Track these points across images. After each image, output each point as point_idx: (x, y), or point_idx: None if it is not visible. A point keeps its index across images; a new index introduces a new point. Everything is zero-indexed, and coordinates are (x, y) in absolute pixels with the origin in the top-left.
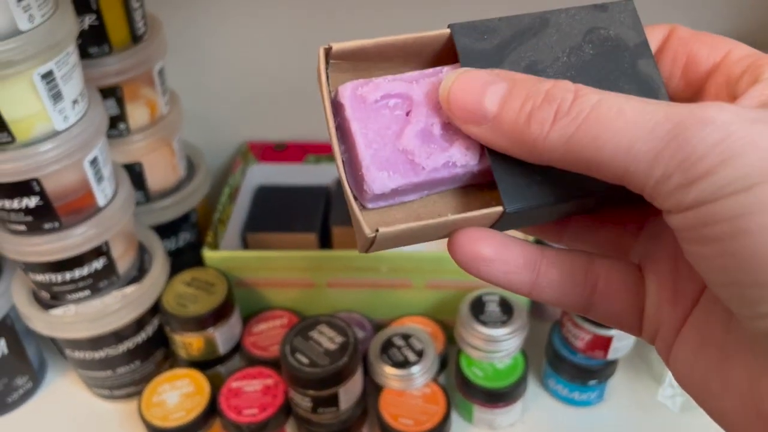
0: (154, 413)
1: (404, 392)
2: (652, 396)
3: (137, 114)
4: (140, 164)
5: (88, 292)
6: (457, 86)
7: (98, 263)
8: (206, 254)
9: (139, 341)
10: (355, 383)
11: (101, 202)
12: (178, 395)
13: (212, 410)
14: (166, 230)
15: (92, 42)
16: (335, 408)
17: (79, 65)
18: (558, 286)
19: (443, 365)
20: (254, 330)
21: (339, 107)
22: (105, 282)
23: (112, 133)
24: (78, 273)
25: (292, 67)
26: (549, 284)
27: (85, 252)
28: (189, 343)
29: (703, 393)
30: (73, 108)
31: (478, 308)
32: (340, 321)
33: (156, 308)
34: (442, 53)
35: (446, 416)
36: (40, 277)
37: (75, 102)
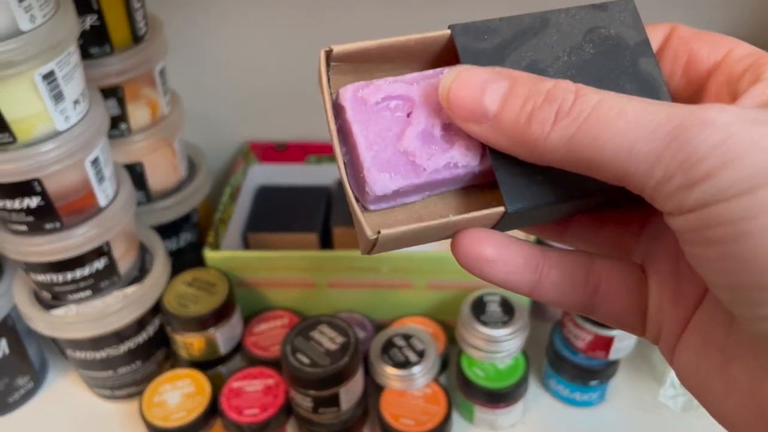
0: (155, 413)
1: (405, 392)
2: (654, 396)
3: (138, 114)
4: (141, 164)
5: (89, 293)
6: (457, 84)
7: (99, 263)
8: (207, 254)
9: (140, 341)
10: (356, 383)
11: (102, 203)
12: (179, 395)
13: (213, 410)
14: (167, 230)
15: (93, 42)
16: (336, 408)
17: (81, 65)
18: (559, 287)
19: (444, 365)
20: (255, 330)
21: (340, 109)
22: (106, 282)
23: (114, 134)
24: (79, 273)
25: (293, 68)
26: (550, 284)
27: (87, 252)
28: (190, 343)
29: (706, 394)
30: (75, 108)
31: (479, 308)
32: (341, 321)
33: (157, 308)
34: (443, 54)
35: (447, 416)
36: (42, 278)
37: (76, 102)
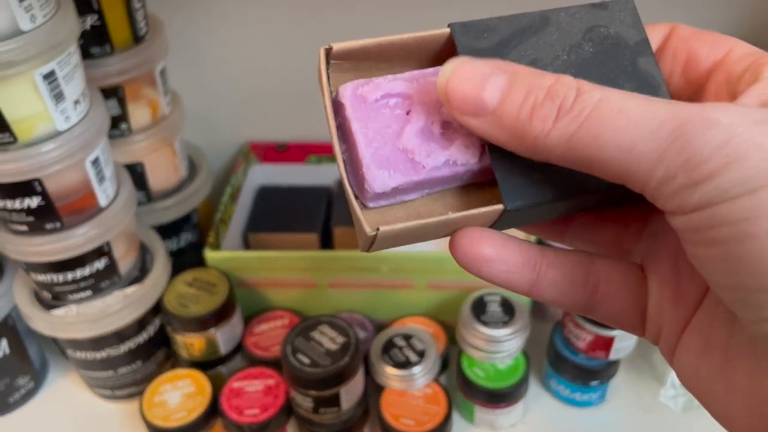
0: (156, 413)
1: (405, 392)
2: (654, 396)
3: (139, 114)
4: (142, 164)
5: (90, 293)
6: (456, 77)
7: (100, 263)
8: (208, 254)
9: (141, 341)
10: (357, 383)
11: (103, 203)
12: (180, 395)
13: (213, 410)
14: (168, 230)
15: (94, 42)
16: (336, 408)
17: (81, 65)
18: (558, 286)
19: (444, 366)
20: (255, 330)
21: (339, 107)
22: (106, 282)
23: (114, 134)
24: (79, 273)
25: (294, 68)
26: (549, 284)
27: (87, 252)
28: (190, 344)
29: (707, 395)
30: (75, 108)
31: (480, 308)
32: (342, 321)
33: (157, 308)
34: (443, 52)
35: (447, 417)
36: (42, 278)
37: (77, 102)
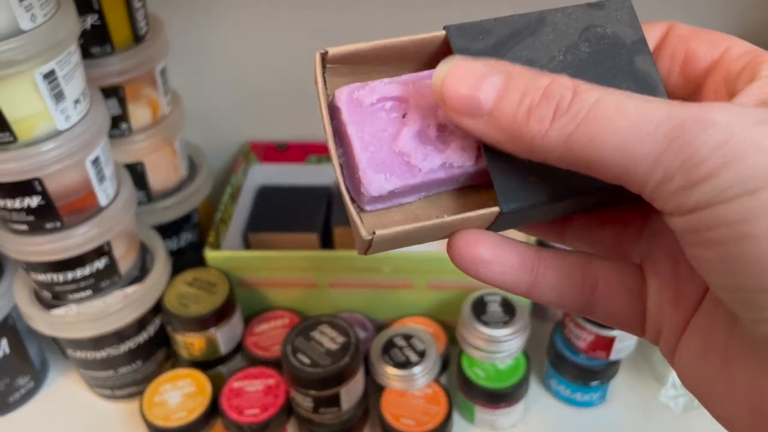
0: (156, 413)
1: (406, 392)
2: (655, 397)
3: (139, 114)
4: (142, 164)
5: (90, 292)
6: (451, 77)
7: (100, 263)
8: (208, 254)
9: (141, 341)
10: (357, 383)
11: (103, 202)
12: (180, 395)
13: (214, 410)
14: (168, 230)
15: (94, 42)
16: (337, 408)
17: (81, 65)
18: (556, 288)
19: (445, 366)
20: (256, 330)
21: (336, 111)
22: (107, 282)
23: (114, 133)
24: (80, 273)
25: (294, 67)
26: (547, 285)
27: (87, 252)
28: (190, 343)
29: (707, 395)
30: (75, 108)
31: (480, 309)
32: (342, 321)
33: (158, 308)
34: (439, 55)
35: (448, 417)
36: (42, 277)
37: (77, 102)
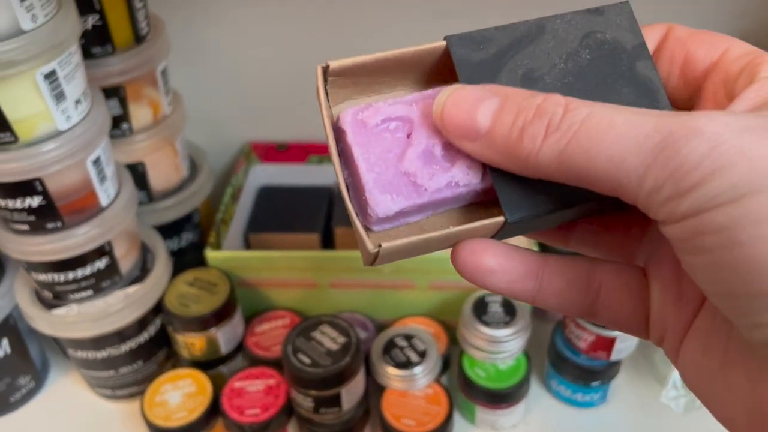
0: (157, 413)
1: (406, 393)
2: (656, 397)
3: (140, 114)
4: (143, 164)
5: (91, 292)
6: (450, 103)
7: (101, 263)
8: (209, 254)
9: (142, 341)
10: (358, 384)
11: (104, 202)
12: (181, 395)
13: (214, 410)
14: (169, 230)
15: (95, 42)
16: (337, 408)
17: (82, 65)
18: (561, 294)
19: (446, 366)
20: (256, 330)
21: (340, 133)
22: (107, 282)
23: (115, 133)
24: (80, 273)
25: (295, 68)
26: (552, 292)
27: (88, 252)
28: (191, 343)
29: (709, 396)
30: (76, 108)
31: (481, 309)
32: (343, 321)
33: (158, 308)
34: (440, 64)
35: (448, 417)
36: (43, 277)
37: (78, 102)
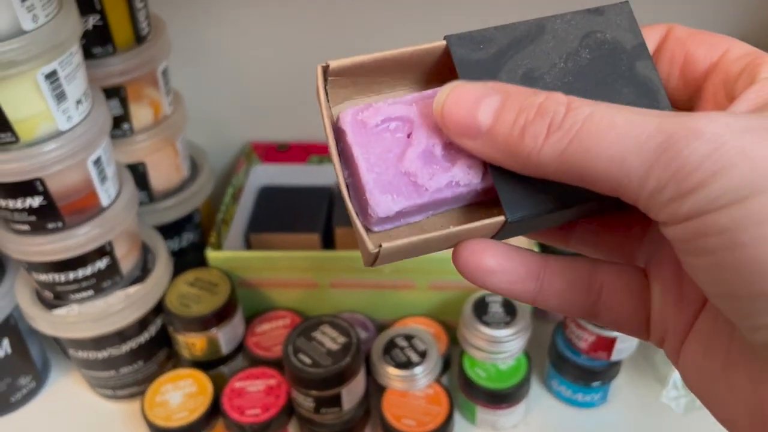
0: (157, 413)
1: (407, 393)
2: (656, 397)
3: (141, 114)
4: (144, 164)
5: (92, 292)
6: (451, 100)
7: (101, 263)
8: (209, 254)
9: (143, 341)
10: (358, 384)
11: (105, 202)
12: (181, 395)
13: (215, 410)
14: (170, 230)
15: (96, 42)
16: (338, 408)
17: (83, 65)
18: (562, 294)
19: (446, 366)
20: (257, 330)
21: (340, 133)
22: (108, 282)
23: (116, 133)
24: (81, 273)
25: (296, 68)
26: (553, 293)
27: (89, 252)
28: (192, 343)
29: (710, 397)
30: (77, 108)
31: (482, 309)
32: (343, 321)
33: (159, 308)
34: (440, 64)
35: (449, 417)
36: (44, 277)
37: (79, 102)
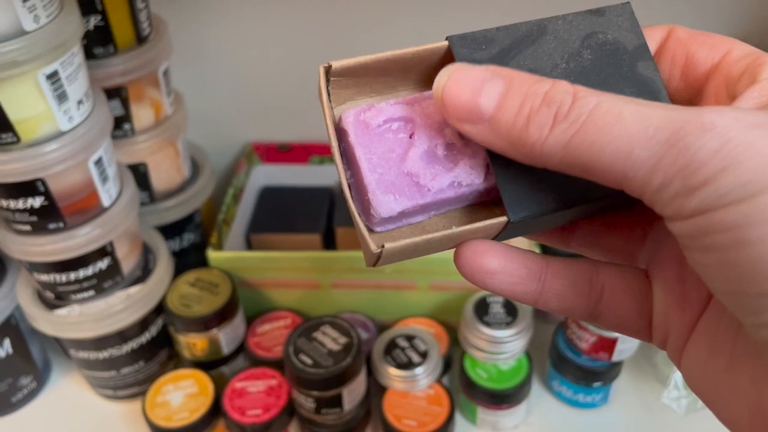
0: (158, 413)
1: (408, 393)
2: (657, 398)
3: (142, 114)
4: (145, 165)
5: (93, 293)
6: (452, 83)
7: (102, 263)
8: (210, 255)
9: (143, 341)
10: (359, 384)
11: (106, 203)
12: (182, 396)
13: (216, 411)
14: (171, 231)
15: (97, 42)
16: (339, 409)
17: (84, 66)
18: (563, 296)
19: (447, 366)
20: (258, 330)
21: (343, 133)
22: (109, 282)
23: (117, 134)
24: (82, 273)
25: (297, 68)
26: (554, 294)
27: (90, 252)
28: (193, 344)
29: (713, 398)
30: (78, 108)
31: (483, 310)
32: (344, 322)
33: (160, 308)
34: (442, 65)
35: (450, 418)
36: (45, 277)
37: (80, 102)
